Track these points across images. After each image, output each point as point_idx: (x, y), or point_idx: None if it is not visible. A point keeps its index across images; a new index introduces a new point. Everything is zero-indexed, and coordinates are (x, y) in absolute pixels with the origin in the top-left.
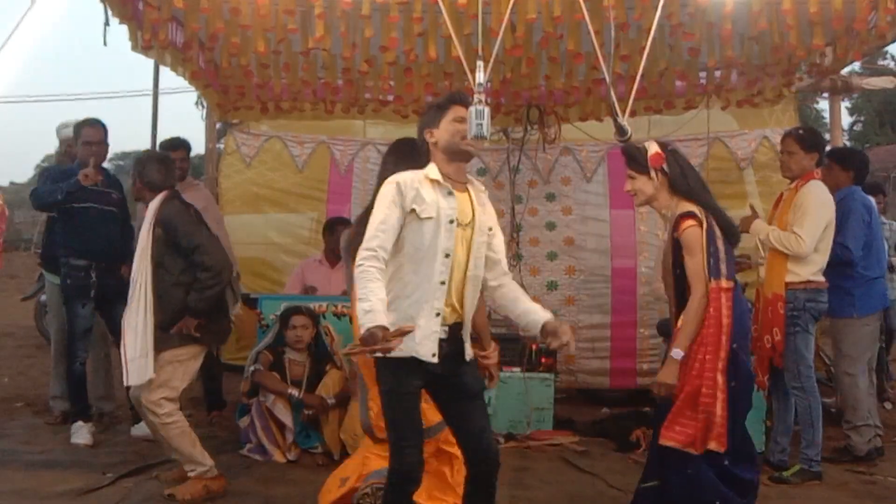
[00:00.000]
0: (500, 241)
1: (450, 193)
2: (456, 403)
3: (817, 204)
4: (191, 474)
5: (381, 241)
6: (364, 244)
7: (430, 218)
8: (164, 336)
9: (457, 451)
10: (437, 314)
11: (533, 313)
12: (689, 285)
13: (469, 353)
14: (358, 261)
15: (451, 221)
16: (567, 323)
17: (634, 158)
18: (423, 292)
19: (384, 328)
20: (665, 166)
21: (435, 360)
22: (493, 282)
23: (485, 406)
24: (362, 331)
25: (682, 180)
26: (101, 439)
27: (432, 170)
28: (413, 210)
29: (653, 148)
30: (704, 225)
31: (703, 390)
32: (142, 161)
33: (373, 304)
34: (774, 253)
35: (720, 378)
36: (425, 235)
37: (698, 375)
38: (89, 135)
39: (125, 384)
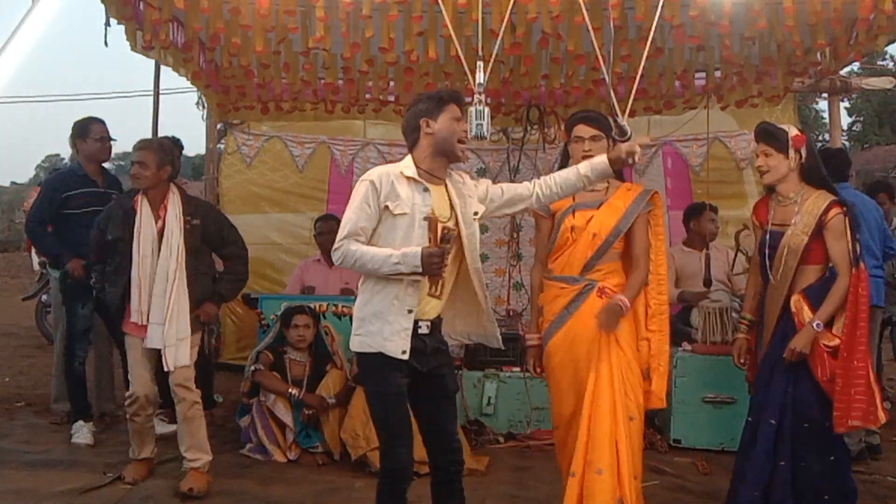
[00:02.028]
0: (497, 188)
1: (425, 190)
2: (431, 402)
3: None
4: (196, 465)
5: (353, 228)
6: (337, 237)
7: (403, 214)
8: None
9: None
10: (409, 311)
11: (591, 163)
12: (837, 267)
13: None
14: (334, 251)
15: (426, 219)
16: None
17: (775, 136)
18: (394, 288)
19: (425, 248)
20: (803, 150)
21: (405, 357)
22: (532, 196)
23: (455, 408)
24: (406, 267)
25: (819, 167)
26: (102, 439)
27: (408, 167)
28: (387, 206)
29: (793, 130)
30: (848, 214)
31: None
32: (170, 148)
33: (392, 252)
34: None
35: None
36: (398, 231)
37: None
38: (101, 131)
39: (165, 369)
